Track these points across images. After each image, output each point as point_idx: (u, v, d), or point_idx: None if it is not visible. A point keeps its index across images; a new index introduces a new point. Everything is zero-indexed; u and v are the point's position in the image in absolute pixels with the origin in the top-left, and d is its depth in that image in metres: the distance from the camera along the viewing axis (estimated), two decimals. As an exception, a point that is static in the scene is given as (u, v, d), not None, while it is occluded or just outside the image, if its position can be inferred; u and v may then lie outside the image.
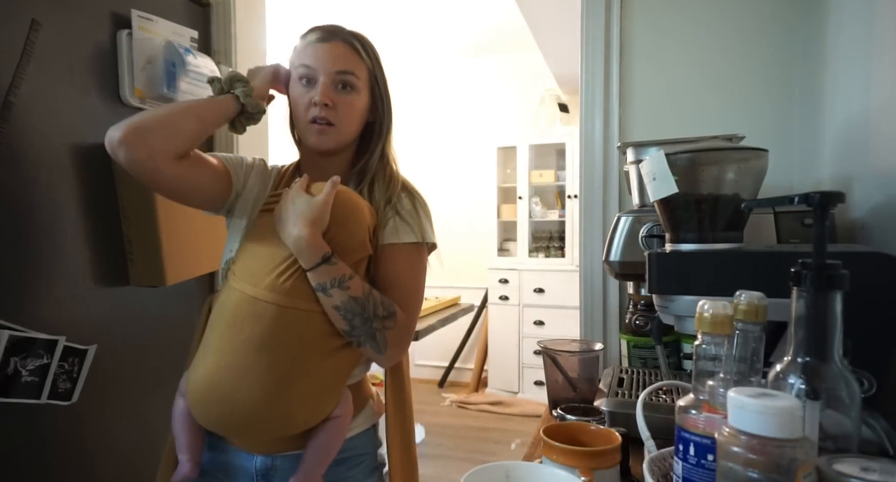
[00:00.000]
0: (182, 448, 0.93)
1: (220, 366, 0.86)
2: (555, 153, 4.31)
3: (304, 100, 0.96)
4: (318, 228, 0.85)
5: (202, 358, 0.89)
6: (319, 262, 0.85)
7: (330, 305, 0.86)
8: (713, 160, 0.79)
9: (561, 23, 2.95)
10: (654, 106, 1.51)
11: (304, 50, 0.98)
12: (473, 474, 0.54)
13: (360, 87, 0.98)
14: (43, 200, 1.26)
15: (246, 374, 0.85)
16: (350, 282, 0.86)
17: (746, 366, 0.54)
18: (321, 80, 0.95)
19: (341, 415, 0.92)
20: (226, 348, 0.87)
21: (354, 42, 0.98)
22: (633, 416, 0.71)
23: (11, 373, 1.17)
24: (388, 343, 0.91)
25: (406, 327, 0.95)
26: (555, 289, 4.08)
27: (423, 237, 0.98)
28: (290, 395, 0.86)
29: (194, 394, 0.89)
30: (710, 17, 1.46)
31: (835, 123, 1.16)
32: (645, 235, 1.09)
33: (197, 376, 0.88)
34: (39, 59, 1.24)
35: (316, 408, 0.89)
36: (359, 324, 0.88)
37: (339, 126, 0.96)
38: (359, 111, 0.99)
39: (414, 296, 0.98)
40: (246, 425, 0.87)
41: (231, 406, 0.85)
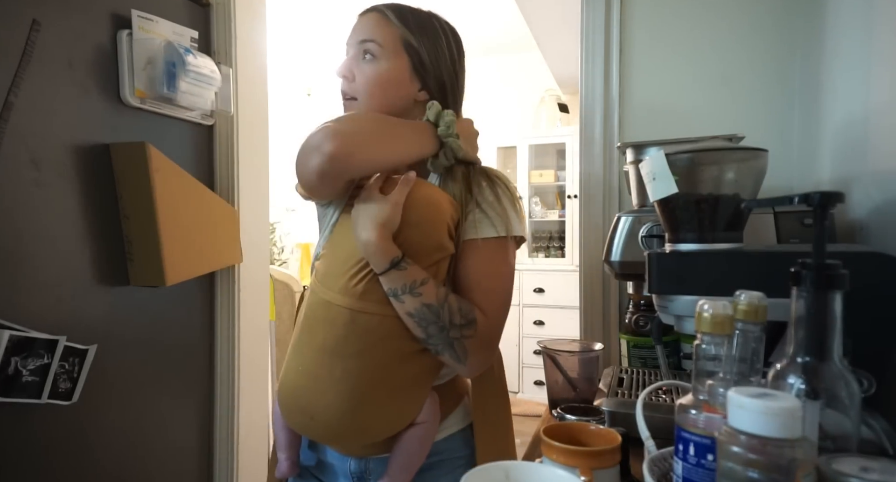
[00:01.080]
0: (281, 446, 0.93)
1: (298, 372, 0.85)
2: (555, 153, 4.31)
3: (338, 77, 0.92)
4: (387, 231, 0.79)
5: (288, 360, 0.88)
6: (388, 267, 0.79)
7: (403, 311, 0.81)
8: (713, 160, 0.79)
9: (561, 23, 2.95)
10: (654, 106, 1.51)
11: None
12: (473, 474, 0.54)
13: (383, 55, 0.89)
14: (43, 200, 1.26)
15: (322, 382, 0.82)
16: (422, 288, 0.80)
17: (746, 366, 0.54)
18: (348, 53, 0.91)
19: (426, 421, 0.87)
20: (304, 353, 0.85)
21: (386, 11, 0.91)
22: (633, 416, 0.71)
23: (12, 373, 1.17)
24: (469, 352, 0.83)
25: (489, 334, 0.86)
26: (555, 289, 4.08)
27: (508, 230, 0.88)
28: (367, 404, 0.82)
29: (281, 399, 0.88)
30: (709, 18, 1.46)
31: (835, 123, 1.16)
32: (645, 235, 1.09)
33: (284, 380, 0.87)
34: (39, 59, 1.24)
35: (396, 417, 0.85)
36: (434, 332, 0.81)
37: (360, 99, 0.90)
38: (382, 80, 0.89)
39: (497, 297, 0.88)
40: (325, 433, 0.86)
41: (310, 414, 0.84)
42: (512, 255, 0.91)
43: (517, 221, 0.90)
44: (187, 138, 1.67)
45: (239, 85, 1.78)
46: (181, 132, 1.65)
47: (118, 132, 1.43)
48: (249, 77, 1.84)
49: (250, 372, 1.86)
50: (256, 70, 1.89)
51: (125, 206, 1.42)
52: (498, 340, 0.91)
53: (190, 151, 1.68)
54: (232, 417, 1.79)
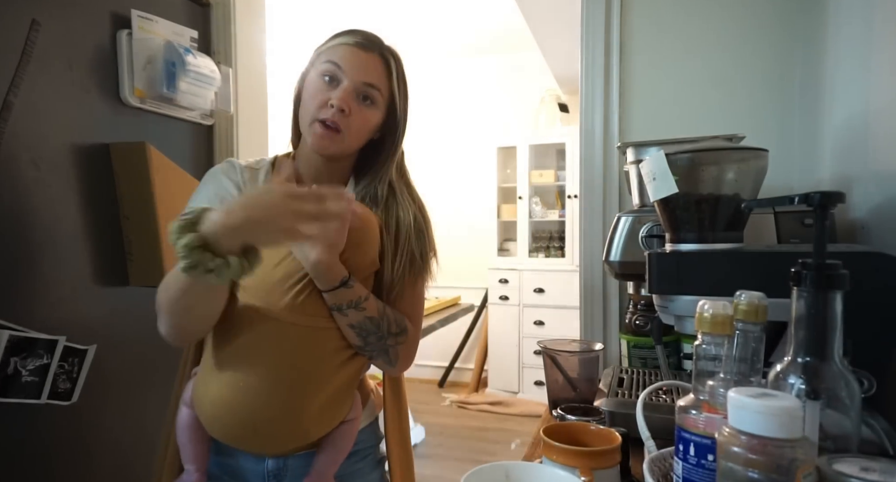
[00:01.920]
0: (188, 458, 0.92)
1: (238, 388, 0.85)
2: (555, 153, 4.31)
3: (320, 97, 0.91)
4: (335, 252, 0.83)
5: (215, 374, 0.87)
6: (337, 286, 0.84)
7: (345, 324, 0.87)
8: (713, 160, 0.79)
9: (561, 23, 2.95)
10: (654, 106, 1.51)
11: (337, 48, 0.93)
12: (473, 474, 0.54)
13: (380, 105, 0.95)
14: (43, 200, 1.26)
15: (266, 396, 0.84)
16: (366, 304, 0.87)
17: (746, 366, 0.54)
18: (345, 84, 0.90)
19: (354, 417, 0.94)
20: (243, 369, 0.85)
21: (390, 60, 0.95)
22: (633, 416, 0.71)
23: (11, 373, 1.17)
24: (400, 356, 0.95)
25: (415, 339, 0.98)
26: (555, 289, 4.08)
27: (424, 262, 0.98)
28: (308, 411, 0.86)
29: (209, 413, 0.87)
30: (710, 17, 1.46)
31: (835, 123, 1.16)
32: (645, 235, 1.09)
33: (212, 394, 0.87)
34: (39, 59, 1.24)
35: (332, 417, 0.91)
36: (373, 341, 0.90)
37: (345, 134, 0.91)
38: (371, 126, 0.95)
39: (420, 307, 1.01)
40: (264, 442, 0.88)
41: (251, 426, 0.85)
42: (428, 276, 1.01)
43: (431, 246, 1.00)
44: (187, 138, 1.67)
45: (239, 85, 1.78)
46: (181, 132, 1.65)
47: (118, 132, 1.43)
48: (249, 77, 1.84)
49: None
50: (256, 70, 1.89)
51: (125, 206, 1.42)
52: (418, 344, 1.01)
53: (190, 151, 1.68)
54: (232, 417, 1.79)
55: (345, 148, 0.94)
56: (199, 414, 0.89)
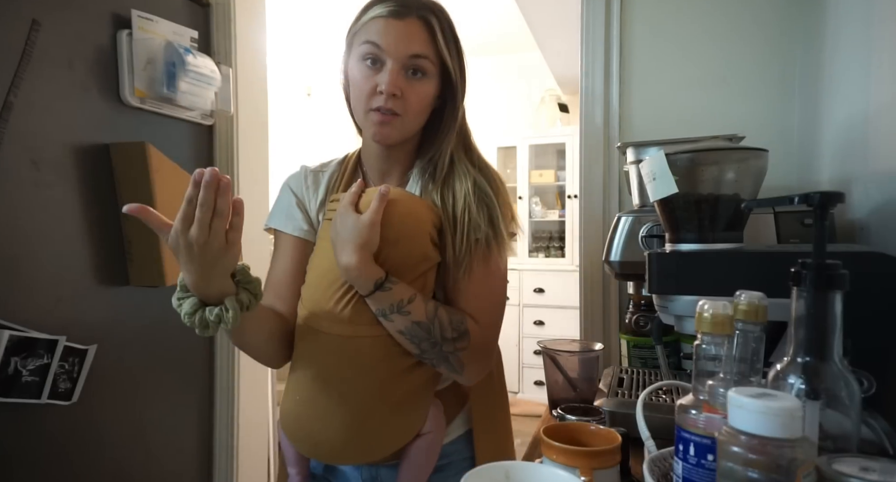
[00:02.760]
0: (290, 462, 0.92)
1: (297, 402, 0.84)
2: (555, 153, 4.31)
3: (367, 85, 0.82)
4: (367, 253, 0.77)
5: (288, 386, 0.87)
6: (373, 290, 0.77)
7: (394, 330, 0.79)
8: (713, 160, 0.79)
9: (561, 23, 2.95)
10: (654, 106, 1.51)
11: (371, 24, 0.83)
12: (473, 474, 0.54)
13: (433, 73, 0.85)
14: (43, 200, 1.26)
15: (321, 409, 0.82)
16: (410, 307, 0.78)
17: (746, 366, 0.54)
18: (390, 65, 0.81)
19: (431, 431, 0.86)
20: (300, 382, 0.84)
21: (431, 19, 0.83)
22: (633, 416, 0.71)
23: (12, 373, 1.17)
24: (465, 363, 0.82)
25: (483, 343, 0.84)
26: (555, 289, 4.08)
27: (495, 235, 0.85)
28: (369, 425, 0.81)
29: (284, 426, 0.87)
30: (709, 18, 1.46)
31: (835, 123, 1.16)
32: (645, 235, 1.09)
33: (284, 409, 0.87)
34: (39, 59, 1.24)
35: (401, 432, 0.84)
36: (427, 347, 0.80)
37: (404, 116, 0.83)
38: (429, 100, 0.86)
39: (489, 303, 0.86)
40: (332, 457, 0.86)
41: (315, 441, 0.83)
42: (503, 259, 0.88)
43: (503, 219, 0.86)
44: (187, 138, 1.67)
45: (239, 85, 1.78)
46: (181, 132, 1.65)
47: (118, 132, 1.43)
48: (249, 77, 1.84)
49: (250, 372, 1.86)
50: (256, 70, 1.89)
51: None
52: (494, 346, 0.89)
53: (190, 151, 1.68)
54: (231, 417, 1.79)
55: (408, 131, 0.86)
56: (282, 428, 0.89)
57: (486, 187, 0.86)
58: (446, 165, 0.88)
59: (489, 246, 0.84)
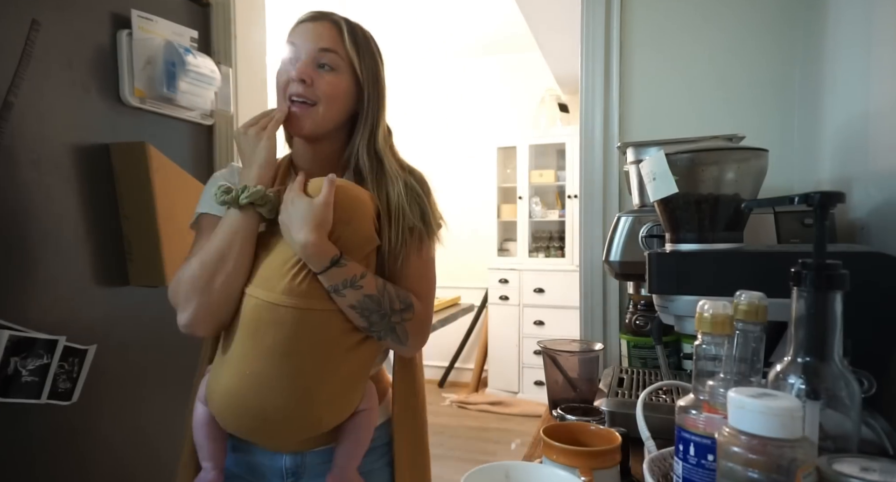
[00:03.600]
0: (205, 456, 0.93)
1: (244, 375, 0.85)
2: (555, 153, 4.31)
3: (283, 77, 0.93)
4: (322, 231, 0.83)
5: (224, 367, 0.88)
6: (328, 266, 0.83)
7: (345, 305, 0.85)
8: (713, 160, 0.79)
9: (561, 23, 2.95)
10: (654, 106, 1.51)
11: (293, 30, 0.96)
12: (473, 474, 0.54)
13: (343, 69, 0.94)
14: (43, 200, 1.26)
15: (273, 382, 0.84)
16: (363, 281, 0.85)
17: (746, 366, 0.54)
18: (302, 57, 0.92)
19: (368, 407, 0.92)
20: (249, 357, 0.86)
21: (341, 23, 0.95)
22: (633, 416, 0.71)
23: (11, 373, 1.17)
24: (409, 334, 0.91)
25: (424, 315, 0.94)
26: (555, 289, 4.08)
27: (426, 225, 0.96)
28: (318, 397, 0.85)
29: (220, 404, 0.88)
30: (710, 17, 1.46)
31: (835, 123, 1.16)
32: (645, 235, 1.09)
33: (221, 386, 0.87)
34: (39, 59, 1.24)
35: (344, 405, 0.89)
36: (377, 320, 0.87)
37: (318, 105, 0.92)
38: (341, 92, 0.94)
39: (427, 282, 0.97)
40: (276, 431, 0.87)
41: (261, 415, 0.85)
42: (432, 246, 0.99)
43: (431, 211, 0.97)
44: (187, 138, 1.67)
45: (239, 85, 1.78)
46: (181, 132, 1.65)
47: (118, 132, 1.43)
48: (249, 77, 1.84)
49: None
50: (256, 70, 1.89)
51: (125, 206, 1.42)
52: (431, 321, 0.98)
53: (190, 151, 1.68)
54: (232, 417, 1.79)
55: (321, 120, 0.94)
56: (212, 408, 0.90)
57: (416, 188, 0.97)
58: (367, 164, 0.96)
59: (422, 238, 0.96)
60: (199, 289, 0.87)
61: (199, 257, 0.89)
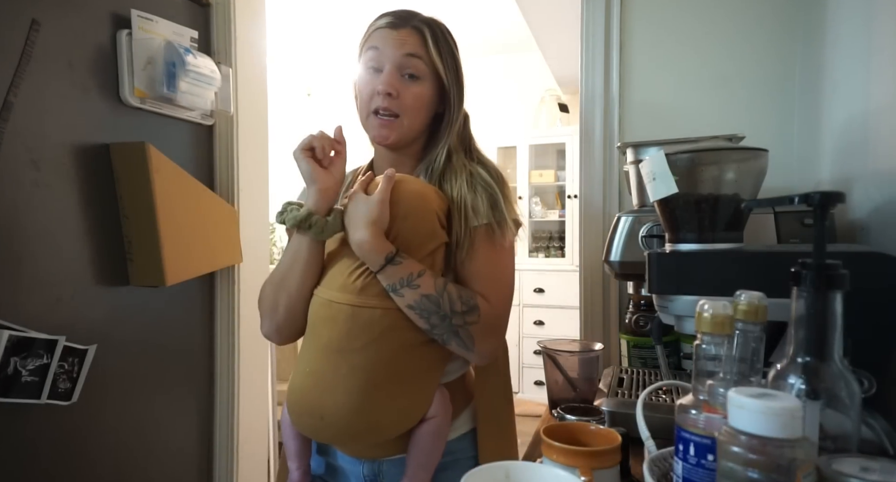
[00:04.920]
0: (290, 456, 0.94)
1: (305, 374, 0.85)
2: (555, 153, 4.31)
3: (367, 89, 0.91)
4: (378, 229, 0.82)
5: (298, 363, 0.88)
6: (384, 264, 0.81)
7: (404, 305, 0.82)
8: (713, 160, 0.79)
9: (561, 23, 2.94)
10: (654, 106, 1.51)
11: (373, 35, 0.93)
12: (473, 474, 0.54)
13: (427, 75, 0.92)
14: (43, 200, 1.26)
15: (329, 380, 0.83)
16: (420, 280, 0.82)
17: (746, 366, 0.54)
18: (387, 67, 0.90)
19: (436, 415, 0.87)
20: (309, 354, 0.86)
21: (424, 29, 0.92)
22: (633, 416, 0.71)
23: (11, 373, 1.17)
24: (475, 338, 0.85)
25: (493, 319, 0.88)
26: (555, 289, 4.08)
27: (497, 218, 0.90)
28: (376, 399, 0.82)
29: (289, 403, 0.88)
30: (709, 18, 1.46)
31: (835, 123, 1.16)
32: (645, 235, 1.09)
33: (291, 385, 0.88)
34: (39, 59, 1.24)
35: (406, 411, 0.85)
36: (437, 321, 0.83)
37: (403, 117, 0.91)
38: (425, 101, 0.93)
39: (497, 283, 0.90)
40: (336, 433, 0.86)
41: (320, 415, 0.83)
42: (507, 241, 0.92)
43: (506, 207, 0.91)
44: (187, 138, 1.67)
45: (239, 85, 1.78)
46: (181, 132, 1.64)
47: (118, 132, 1.43)
48: (249, 77, 1.84)
49: (250, 372, 1.86)
50: (256, 70, 1.89)
51: (125, 206, 1.42)
52: (504, 326, 0.92)
53: (190, 151, 1.68)
54: (232, 417, 1.79)
55: (406, 131, 0.93)
56: (287, 408, 0.90)
57: (485, 176, 0.92)
58: (442, 162, 0.94)
59: (493, 229, 0.89)
60: (268, 308, 0.92)
61: (270, 276, 0.93)
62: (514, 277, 0.95)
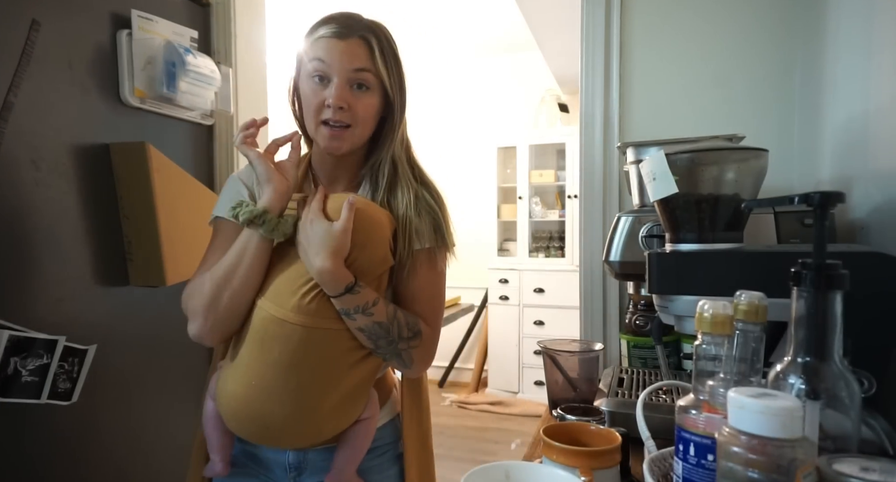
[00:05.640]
0: (213, 448, 0.95)
1: (250, 385, 0.86)
2: (555, 153, 4.31)
3: (316, 99, 0.91)
4: (339, 259, 0.83)
5: (233, 371, 0.89)
6: (343, 292, 0.83)
7: (354, 327, 0.86)
8: (713, 160, 0.79)
9: (561, 23, 2.95)
10: (654, 106, 1.51)
11: (317, 43, 0.91)
12: (473, 474, 0.54)
13: (375, 86, 0.93)
14: (43, 200, 1.26)
15: (276, 394, 0.85)
16: (374, 309, 0.86)
17: (746, 366, 0.54)
18: (335, 80, 0.90)
19: (369, 416, 0.94)
20: (255, 367, 0.87)
21: (371, 39, 0.92)
22: (633, 416, 0.71)
23: (11, 373, 1.17)
24: (414, 359, 0.92)
25: (431, 341, 0.95)
26: (555, 289, 4.08)
27: (438, 242, 0.95)
28: (320, 410, 0.87)
29: (227, 408, 0.89)
30: (710, 17, 1.46)
31: (835, 123, 1.16)
32: (645, 235, 1.09)
33: (228, 391, 0.89)
34: (39, 59, 1.24)
35: (345, 416, 0.91)
36: (384, 345, 0.88)
37: (354, 127, 0.92)
38: (374, 111, 0.94)
39: (435, 305, 0.97)
40: (278, 438, 0.89)
41: (263, 423, 0.86)
42: (443, 263, 0.97)
43: (445, 231, 0.96)
44: (187, 138, 1.67)
45: (239, 85, 1.78)
46: (181, 132, 1.65)
47: (118, 132, 1.43)
48: (249, 77, 1.84)
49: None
50: (256, 70, 1.89)
51: (125, 206, 1.42)
52: (437, 344, 0.98)
53: (190, 151, 1.68)
54: (232, 417, 1.79)
55: (357, 141, 0.94)
56: (219, 407, 0.91)
57: (429, 199, 0.97)
58: (388, 173, 0.96)
59: (433, 253, 0.95)
60: (207, 305, 0.89)
61: (211, 272, 0.90)
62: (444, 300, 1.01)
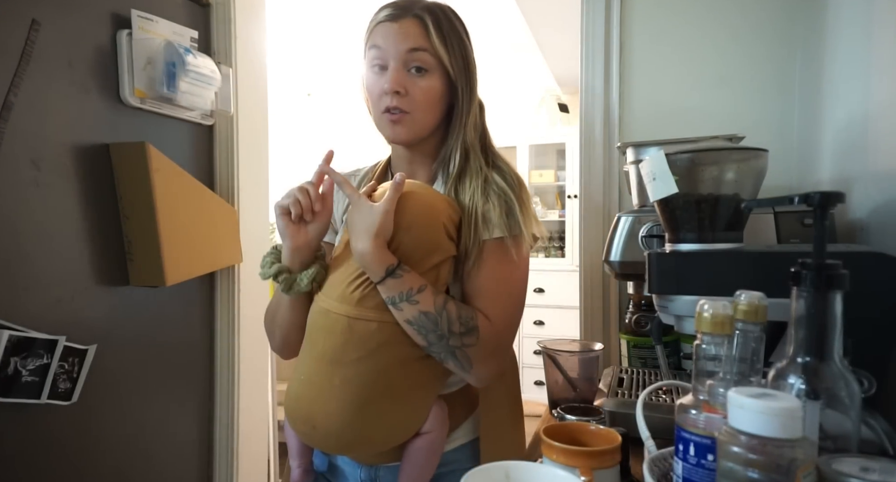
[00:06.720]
0: (293, 454, 0.94)
1: (300, 381, 0.84)
2: (555, 153, 4.31)
3: (376, 89, 0.87)
4: (380, 240, 0.78)
5: (294, 370, 0.88)
6: (384, 276, 0.78)
7: (402, 319, 0.79)
8: (713, 160, 0.79)
9: (561, 23, 2.95)
10: (654, 106, 1.51)
11: (374, 30, 0.88)
12: (473, 474, 0.54)
13: (434, 67, 0.87)
14: (43, 200, 1.26)
15: (321, 390, 0.81)
16: (419, 296, 0.78)
17: (746, 366, 0.54)
18: (392, 64, 0.86)
19: (431, 430, 0.85)
20: (305, 361, 0.85)
21: (426, 17, 0.86)
22: (633, 416, 0.71)
23: (11, 373, 1.17)
24: (473, 360, 0.81)
25: (493, 341, 0.83)
26: (555, 289, 4.08)
27: (511, 230, 0.85)
28: (368, 412, 0.80)
29: (286, 408, 0.88)
30: (710, 18, 1.46)
31: (835, 123, 1.16)
32: (645, 235, 1.09)
33: (289, 389, 0.87)
34: (39, 59, 1.24)
35: (400, 425, 0.83)
36: (434, 340, 0.79)
37: (413, 114, 0.87)
38: (435, 94, 0.88)
39: (504, 302, 0.85)
40: (327, 442, 0.85)
41: (312, 424, 0.83)
42: (519, 256, 0.87)
43: (522, 220, 0.87)
44: (187, 138, 1.67)
45: (239, 85, 1.78)
46: (181, 132, 1.64)
47: (118, 132, 1.43)
48: (249, 77, 1.84)
49: (250, 372, 1.86)
50: (256, 70, 1.89)
51: (125, 206, 1.42)
52: (505, 348, 0.88)
53: (190, 151, 1.68)
54: (232, 417, 1.79)
55: (419, 128, 0.89)
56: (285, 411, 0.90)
57: (500, 182, 0.88)
58: (458, 161, 0.90)
59: (505, 243, 0.85)
60: (268, 333, 0.97)
61: (268, 304, 0.96)
62: (525, 294, 0.90)
